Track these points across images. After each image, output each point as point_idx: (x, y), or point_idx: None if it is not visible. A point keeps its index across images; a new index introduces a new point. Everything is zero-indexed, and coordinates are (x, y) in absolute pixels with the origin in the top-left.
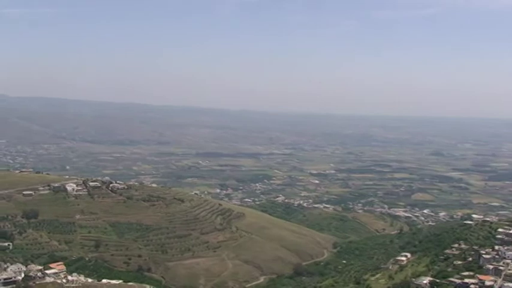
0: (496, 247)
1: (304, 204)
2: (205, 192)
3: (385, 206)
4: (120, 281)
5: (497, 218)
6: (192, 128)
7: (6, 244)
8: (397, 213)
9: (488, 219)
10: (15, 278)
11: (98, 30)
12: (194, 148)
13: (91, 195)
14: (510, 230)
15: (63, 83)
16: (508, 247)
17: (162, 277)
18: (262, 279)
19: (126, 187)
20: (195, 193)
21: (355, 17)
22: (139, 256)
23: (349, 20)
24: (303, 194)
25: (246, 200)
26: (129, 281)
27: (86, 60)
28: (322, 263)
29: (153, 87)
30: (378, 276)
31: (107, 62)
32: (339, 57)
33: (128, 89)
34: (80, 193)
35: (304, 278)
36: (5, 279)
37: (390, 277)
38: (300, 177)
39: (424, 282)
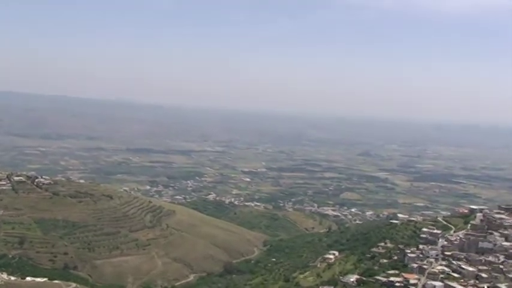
0: (421, 246)
1: (236, 202)
2: (135, 189)
3: (315, 204)
4: (45, 279)
5: (421, 217)
6: (124, 123)
7: None
8: (326, 212)
9: (413, 218)
10: None
11: (28, 21)
12: (125, 144)
13: (15, 191)
14: (434, 229)
15: None
16: (432, 246)
17: (89, 275)
18: (192, 277)
19: (52, 182)
20: (125, 190)
21: (291, 16)
22: (66, 254)
23: (285, 20)
24: (234, 192)
25: (177, 197)
26: (55, 279)
27: (15, 50)
28: (252, 261)
29: (86, 80)
30: (306, 274)
31: (37, 52)
32: (275, 56)
33: (60, 81)
34: (4, 188)
35: (234, 276)
36: None
37: (318, 275)
38: (232, 175)
39: (351, 280)
